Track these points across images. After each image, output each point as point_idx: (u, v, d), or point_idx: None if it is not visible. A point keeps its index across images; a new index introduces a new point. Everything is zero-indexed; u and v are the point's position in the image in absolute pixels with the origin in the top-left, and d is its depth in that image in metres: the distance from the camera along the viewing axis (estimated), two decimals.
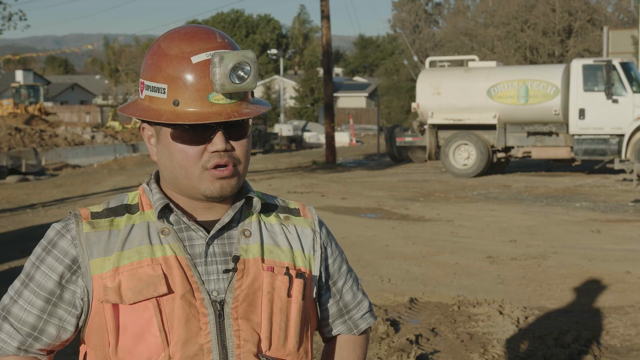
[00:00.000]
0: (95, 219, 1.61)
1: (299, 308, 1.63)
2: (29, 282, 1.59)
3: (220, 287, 1.57)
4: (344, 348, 1.81)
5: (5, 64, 71.84)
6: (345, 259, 1.81)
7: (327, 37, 24.07)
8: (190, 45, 1.53)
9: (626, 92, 17.26)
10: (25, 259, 8.89)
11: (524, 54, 42.50)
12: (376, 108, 36.15)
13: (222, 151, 1.54)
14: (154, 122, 1.58)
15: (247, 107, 1.55)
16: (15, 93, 46.36)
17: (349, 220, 11.55)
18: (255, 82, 1.52)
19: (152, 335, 1.54)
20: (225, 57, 1.49)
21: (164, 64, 1.54)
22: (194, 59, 1.52)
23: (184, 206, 1.62)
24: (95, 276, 1.56)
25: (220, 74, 1.49)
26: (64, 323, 1.59)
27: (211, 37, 1.56)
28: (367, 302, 1.85)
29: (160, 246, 1.57)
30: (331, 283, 1.76)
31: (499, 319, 6.13)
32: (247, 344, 1.57)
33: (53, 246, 1.59)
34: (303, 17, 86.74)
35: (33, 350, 1.61)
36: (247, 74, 1.51)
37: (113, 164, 27.86)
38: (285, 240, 1.67)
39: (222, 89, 1.49)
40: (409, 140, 20.53)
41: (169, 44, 1.55)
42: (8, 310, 1.60)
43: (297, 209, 1.75)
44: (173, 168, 1.57)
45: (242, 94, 1.55)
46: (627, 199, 13.84)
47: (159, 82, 1.54)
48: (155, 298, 1.53)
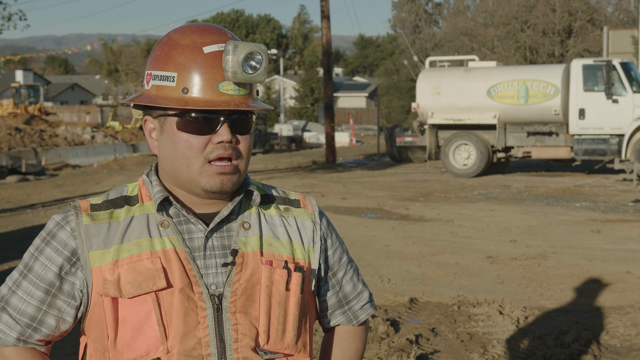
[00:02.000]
0: (95, 211, 1.61)
1: (297, 301, 1.63)
2: (27, 272, 1.60)
3: (219, 281, 1.58)
4: (343, 339, 1.82)
5: (5, 64, 71.80)
6: (345, 250, 1.82)
7: (327, 37, 24.07)
8: (202, 37, 1.56)
9: (626, 92, 17.26)
10: None
11: (524, 54, 42.49)
12: (376, 108, 36.16)
13: (227, 142, 1.55)
14: (160, 110, 1.58)
15: (253, 102, 1.57)
16: (15, 93, 46.33)
17: (349, 220, 11.55)
18: (266, 75, 1.54)
19: (150, 329, 1.54)
20: (239, 46, 1.51)
21: (176, 53, 1.55)
22: (206, 49, 1.54)
23: (184, 199, 1.62)
24: (95, 269, 1.56)
25: (233, 61, 1.50)
26: (63, 314, 1.60)
27: (222, 32, 1.59)
28: (367, 292, 1.85)
29: (159, 239, 1.57)
30: (331, 274, 1.77)
31: (499, 319, 6.12)
32: (245, 338, 1.57)
33: (52, 237, 1.59)
34: (303, 17, 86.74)
35: (32, 341, 1.61)
36: (259, 64, 1.53)
37: (113, 164, 27.86)
38: (285, 233, 1.67)
39: (234, 76, 1.51)
40: (409, 140, 20.53)
41: (181, 36, 1.57)
42: (7, 301, 1.60)
43: (298, 200, 1.74)
44: (175, 159, 1.57)
45: (250, 87, 1.57)
46: (627, 199, 13.84)
47: (168, 70, 1.55)
48: (154, 292, 1.54)
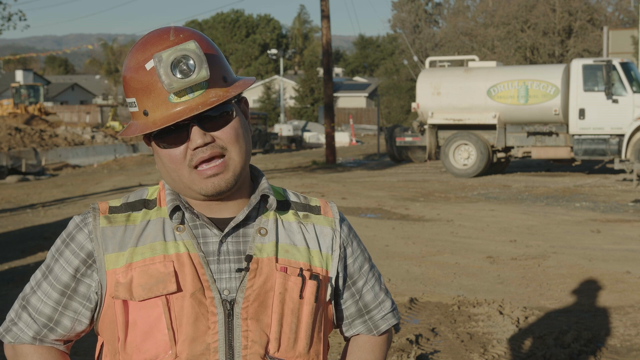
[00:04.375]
0: (113, 213, 1.62)
1: (311, 310, 1.61)
2: (48, 273, 1.63)
3: (232, 286, 1.57)
4: (362, 349, 1.78)
5: (5, 64, 71.83)
6: (368, 258, 1.78)
7: (327, 37, 24.08)
8: (143, 53, 1.53)
9: (626, 92, 17.26)
10: (25, 259, 8.91)
11: (524, 54, 42.51)
12: (376, 108, 36.16)
13: (202, 146, 1.53)
14: (142, 135, 1.59)
15: (215, 95, 1.51)
16: (15, 93, 46.32)
17: (349, 220, 11.52)
18: (206, 72, 1.47)
19: (160, 333, 1.54)
20: (163, 56, 1.47)
21: (128, 78, 1.55)
22: (147, 65, 1.52)
23: (197, 205, 1.62)
24: (109, 271, 1.57)
25: (164, 74, 1.47)
26: (79, 316, 1.62)
27: (163, 38, 1.53)
28: (390, 302, 1.80)
29: (174, 243, 1.57)
30: (350, 283, 1.73)
31: (499, 319, 6.12)
32: (255, 345, 1.56)
33: (71, 239, 1.61)
34: (303, 17, 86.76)
35: (48, 340, 1.64)
36: (191, 68, 1.47)
37: (113, 164, 27.87)
38: (303, 240, 1.65)
39: (170, 88, 1.47)
40: (409, 140, 20.53)
41: (130, 58, 1.56)
42: (28, 300, 1.64)
43: (318, 207, 1.72)
44: (168, 173, 1.59)
45: (206, 84, 1.51)
46: (627, 199, 13.84)
47: (129, 97, 1.57)
48: (165, 296, 1.54)
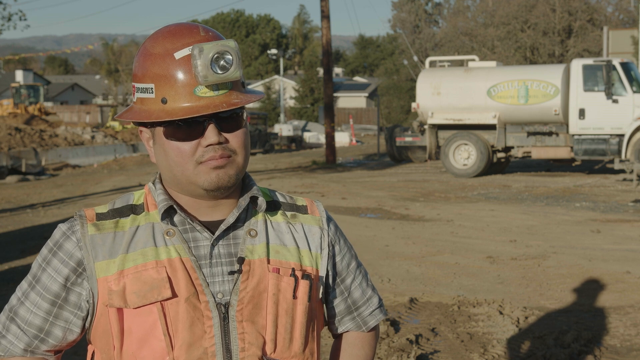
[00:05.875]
0: (100, 220, 1.60)
1: (304, 309, 1.61)
2: (35, 284, 1.60)
3: (225, 289, 1.56)
4: (352, 345, 1.80)
5: (5, 64, 71.84)
6: (354, 255, 1.79)
7: (327, 37, 24.08)
8: (173, 43, 1.52)
9: (626, 92, 17.26)
10: (25, 259, 8.91)
11: (524, 54, 42.51)
12: (376, 108, 36.15)
13: (216, 144, 1.53)
14: (148, 123, 1.57)
15: (237, 98, 1.53)
16: (15, 93, 46.32)
17: (349, 220, 11.54)
18: (240, 71, 1.50)
19: (156, 339, 1.53)
20: (205, 48, 1.47)
21: (149, 63, 1.53)
22: (177, 54, 1.51)
23: (188, 206, 1.60)
24: (100, 279, 1.55)
25: (202, 65, 1.47)
26: (70, 325, 1.60)
27: (194, 31, 1.54)
28: (377, 298, 1.82)
29: (165, 248, 1.56)
30: (339, 280, 1.75)
31: (499, 319, 6.12)
32: (252, 347, 1.56)
33: (59, 248, 1.59)
34: (303, 17, 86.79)
35: (39, 352, 1.61)
36: (229, 63, 1.49)
37: (113, 164, 27.86)
38: (292, 240, 1.65)
39: (205, 80, 1.48)
40: (409, 140, 20.53)
41: (153, 44, 1.55)
42: (15, 312, 1.60)
43: (305, 206, 1.72)
44: (170, 166, 1.56)
45: (231, 85, 1.52)
46: (627, 199, 13.83)
47: (146, 82, 1.54)
48: (160, 302, 1.53)
